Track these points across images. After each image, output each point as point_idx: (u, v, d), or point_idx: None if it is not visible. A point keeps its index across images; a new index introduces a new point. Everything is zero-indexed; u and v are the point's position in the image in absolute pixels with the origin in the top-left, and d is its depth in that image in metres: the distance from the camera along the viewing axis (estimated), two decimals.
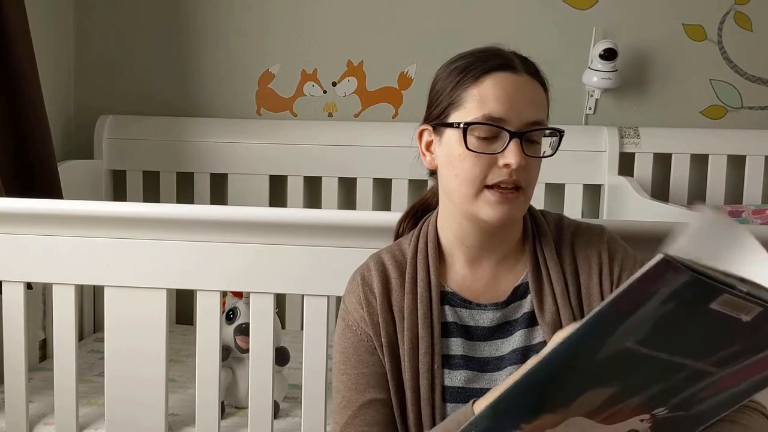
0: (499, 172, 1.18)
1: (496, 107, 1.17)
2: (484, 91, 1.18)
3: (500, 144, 1.17)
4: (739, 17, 2.62)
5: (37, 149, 2.18)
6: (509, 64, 1.20)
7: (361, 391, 1.25)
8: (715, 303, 0.75)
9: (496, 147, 1.18)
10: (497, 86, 1.18)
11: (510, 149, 1.16)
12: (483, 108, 1.18)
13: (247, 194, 2.66)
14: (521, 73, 1.20)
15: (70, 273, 1.69)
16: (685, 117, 2.66)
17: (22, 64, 2.13)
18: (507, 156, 1.17)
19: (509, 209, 1.19)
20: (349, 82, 2.72)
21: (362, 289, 1.28)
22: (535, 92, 1.21)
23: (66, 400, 1.74)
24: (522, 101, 1.18)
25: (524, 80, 1.20)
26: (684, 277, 0.74)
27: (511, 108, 1.17)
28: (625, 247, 1.30)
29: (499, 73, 1.19)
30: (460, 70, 1.22)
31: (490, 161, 1.18)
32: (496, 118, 1.17)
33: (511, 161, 1.16)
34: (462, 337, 1.26)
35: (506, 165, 1.17)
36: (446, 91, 1.23)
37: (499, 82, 1.19)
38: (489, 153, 1.17)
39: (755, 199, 2.60)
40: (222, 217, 1.65)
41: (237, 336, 1.89)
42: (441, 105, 1.23)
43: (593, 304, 1.24)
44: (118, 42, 2.75)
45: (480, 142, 1.18)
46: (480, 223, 1.22)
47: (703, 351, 0.82)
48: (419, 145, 1.28)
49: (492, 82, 1.19)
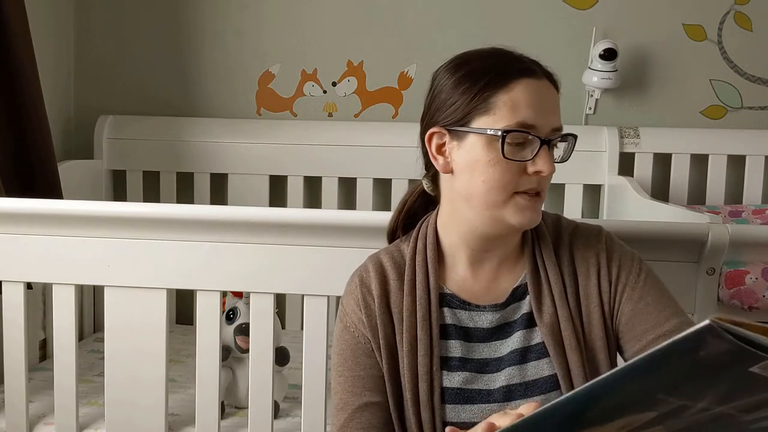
0: (529, 179, 1.18)
1: (529, 114, 1.17)
2: (515, 98, 1.17)
3: (530, 151, 1.17)
4: (739, 17, 2.62)
5: (37, 149, 2.18)
6: (532, 69, 1.20)
7: (358, 394, 1.25)
8: (756, 367, 0.74)
9: (526, 154, 1.17)
10: (528, 93, 1.18)
11: (541, 156, 1.17)
12: (516, 115, 1.17)
13: (247, 194, 2.66)
14: (542, 78, 1.21)
15: (70, 273, 1.69)
16: (685, 117, 2.66)
17: (22, 64, 2.13)
18: (538, 163, 1.17)
19: (535, 214, 1.21)
20: (349, 82, 2.72)
21: (360, 291, 1.28)
22: (555, 97, 1.22)
23: (66, 400, 1.74)
24: (548, 107, 1.19)
25: (546, 86, 1.21)
26: (728, 346, 0.72)
27: (540, 114, 1.17)
28: (623, 246, 1.30)
29: (526, 79, 1.18)
30: (480, 74, 1.20)
31: (521, 168, 1.18)
32: (529, 125, 1.17)
33: (542, 169, 1.17)
34: (461, 338, 1.26)
35: (537, 172, 1.17)
36: (467, 95, 1.20)
37: (529, 89, 1.18)
38: (521, 160, 1.17)
39: (755, 199, 2.60)
40: (222, 217, 1.65)
41: (237, 336, 1.89)
42: (460, 109, 1.20)
43: (591, 305, 1.25)
44: (118, 42, 2.75)
45: (512, 148, 1.17)
46: (504, 228, 1.22)
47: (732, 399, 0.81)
48: (429, 147, 1.25)
49: (522, 88, 1.18)
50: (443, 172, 1.25)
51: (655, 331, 1.21)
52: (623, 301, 1.24)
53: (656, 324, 1.22)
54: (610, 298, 1.25)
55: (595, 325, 1.24)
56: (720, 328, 0.72)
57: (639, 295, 1.24)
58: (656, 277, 1.28)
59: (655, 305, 1.23)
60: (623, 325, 1.24)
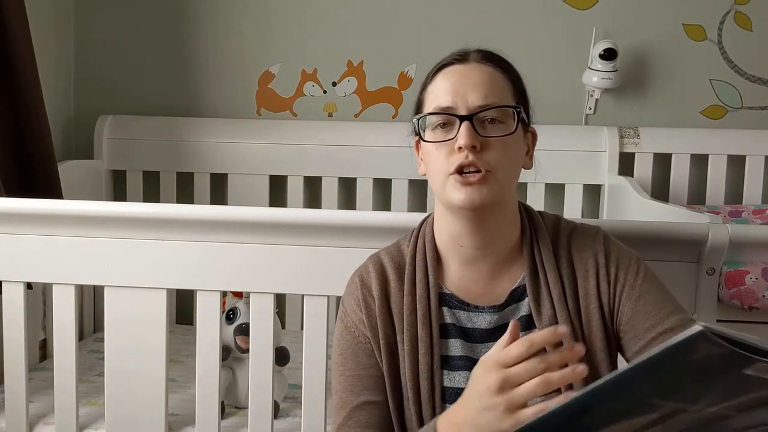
0: (457, 156, 1.20)
1: (444, 97, 1.23)
2: (435, 88, 1.25)
3: (454, 130, 1.21)
4: (739, 17, 2.62)
5: (37, 149, 2.18)
6: (460, 59, 1.26)
7: (357, 393, 1.25)
8: (749, 369, 0.75)
9: (452, 134, 1.21)
10: (444, 79, 1.25)
11: (461, 132, 1.19)
12: (434, 102, 1.24)
13: (247, 194, 2.66)
14: (469, 62, 1.25)
15: (70, 273, 1.70)
16: (685, 117, 2.66)
17: (23, 64, 2.13)
18: (459, 139, 1.19)
19: (477, 191, 1.19)
20: (349, 82, 2.72)
21: (361, 291, 1.28)
22: (483, 76, 1.23)
23: (66, 399, 1.74)
24: (468, 87, 1.22)
25: (473, 67, 1.24)
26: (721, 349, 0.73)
27: (456, 95, 1.22)
28: (621, 246, 1.30)
29: (448, 68, 1.26)
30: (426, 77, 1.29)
31: (450, 149, 1.21)
32: (444, 107, 1.22)
33: (461, 143, 1.19)
34: (460, 338, 1.26)
35: (459, 148, 1.19)
36: (417, 99, 1.30)
37: (446, 76, 1.25)
38: (444, 140, 1.21)
39: (755, 199, 2.60)
40: (222, 217, 1.65)
41: (237, 336, 1.89)
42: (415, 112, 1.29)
43: (590, 306, 1.25)
44: (118, 42, 2.75)
45: (435, 132, 1.22)
46: (456, 212, 1.23)
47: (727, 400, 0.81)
48: (417, 154, 1.32)
49: (441, 77, 1.25)
50: (420, 174, 1.31)
51: (656, 329, 1.21)
52: (623, 301, 1.24)
53: (657, 322, 1.22)
54: (609, 298, 1.25)
55: (595, 326, 1.24)
56: (711, 333, 0.72)
57: (638, 294, 1.24)
58: (655, 276, 1.28)
59: (654, 303, 1.23)
60: (624, 325, 1.24)
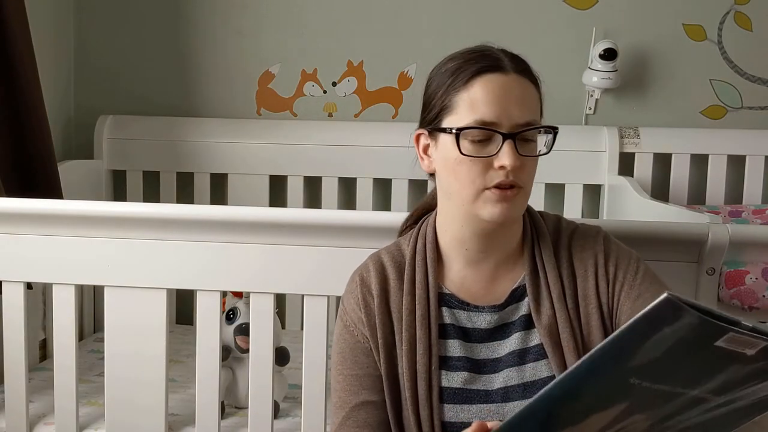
0: (496, 173, 1.18)
1: (487, 111, 1.18)
2: (474, 95, 1.19)
3: (494, 146, 1.18)
4: (739, 17, 2.62)
5: (37, 149, 2.18)
6: (497, 64, 1.21)
7: (355, 393, 1.25)
8: (720, 341, 0.76)
9: (491, 149, 1.18)
10: (486, 89, 1.19)
11: (504, 151, 1.17)
12: (474, 112, 1.18)
13: (247, 194, 2.66)
14: (509, 72, 1.20)
15: (70, 273, 1.69)
16: (685, 117, 2.66)
17: (23, 64, 2.12)
18: (501, 158, 1.17)
19: (509, 207, 1.19)
20: (349, 82, 2.72)
21: (360, 290, 1.28)
22: (525, 91, 1.21)
23: (66, 400, 1.74)
24: (512, 102, 1.19)
25: (513, 80, 1.20)
26: (690, 318, 0.74)
27: (501, 110, 1.18)
28: (620, 245, 1.30)
29: (487, 75, 1.19)
30: (450, 73, 1.22)
31: (487, 163, 1.18)
32: (488, 122, 1.17)
33: (505, 163, 1.17)
34: (459, 338, 1.26)
35: (501, 167, 1.17)
36: (438, 95, 1.23)
37: (488, 85, 1.19)
38: (483, 156, 1.18)
39: (755, 199, 2.60)
40: (222, 217, 1.65)
41: (237, 336, 1.89)
42: (434, 109, 1.23)
43: (589, 306, 1.25)
44: (118, 42, 2.75)
45: (474, 145, 1.18)
46: (481, 224, 1.22)
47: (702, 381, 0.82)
48: (417, 149, 1.29)
49: (481, 85, 1.19)
50: (427, 172, 1.29)
51: None
52: (622, 300, 1.24)
53: None
54: (608, 298, 1.25)
55: (594, 327, 1.24)
56: (678, 300, 0.73)
57: (637, 293, 1.24)
58: (654, 275, 1.28)
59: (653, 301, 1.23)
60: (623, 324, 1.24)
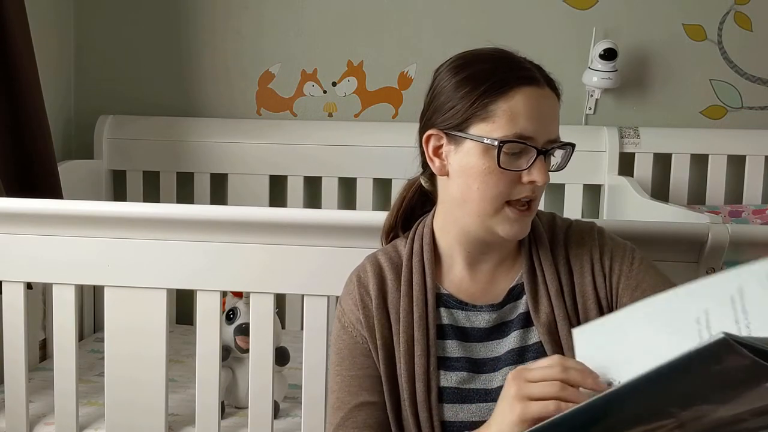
0: (523, 188, 1.18)
1: (528, 125, 1.16)
2: (515, 107, 1.16)
3: (525, 160, 1.17)
4: (739, 17, 2.62)
5: (38, 149, 2.18)
6: (534, 76, 1.19)
7: (354, 394, 1.25)
8: None
9: (521, 163, 1.17)
10: (528, 103, 1.16)
11: (536, 167, 1.17)
12: (515, 125, 1.16)
13: (247, 194, 2.66)
14: (544, 87, 1.19)
15: (70, 273, 1.69)
16: (685, 117, 2.66)
17: (22, 64, 2.13)
18: (533, 174, 1.17)
19: (524, 227, 1.21)
20: (349, 82, 2.72)
21: (358, 290, 1.28)
22: (555, 107, 1.21)
23: (66, 400, 1.74)
24: (547, 118, 1.18)
25: (547, 95, 1.20)
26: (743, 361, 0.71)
27: (539, 125, 1.17)
28: (615, 239, 1.30)
29: (528, 88, 1.17)
30: (481, 78, 1.18)
31: (515, 177, 1.18)
32: (526, 136, 1.16)
33: (537, 179, 1.17)
34: (458, 338, 1.26)
35: (531, 182, 1.17)
36: (466, 99, 1.18)
37: (530, 99, 1.17)
38: (516, 170, 1.17)
39: (755, 199, 2.60)
40: (222, 217, 1.65)
41: (237, 336, 1.89)
42: (459, 113, 1.19)
43: (587, 303, 1.24)
44: (118, 42, 2.75)
45: (508, 158, 1.17)
46: (493, 236, 1.22)
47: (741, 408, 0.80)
48: (426, 149, 1.25)
49: (523, 97, 1.16)
50: (439, 175, 1.26)
51: None
52: (620, 292, 1.24)
53: None
54: (606, 292, 1.25)
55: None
56: (734, 341, 0.70)
57: (635, 283, 1.24)
58: (651, 264, 1.27)
59: (653, 291, 1.21)
60: None
